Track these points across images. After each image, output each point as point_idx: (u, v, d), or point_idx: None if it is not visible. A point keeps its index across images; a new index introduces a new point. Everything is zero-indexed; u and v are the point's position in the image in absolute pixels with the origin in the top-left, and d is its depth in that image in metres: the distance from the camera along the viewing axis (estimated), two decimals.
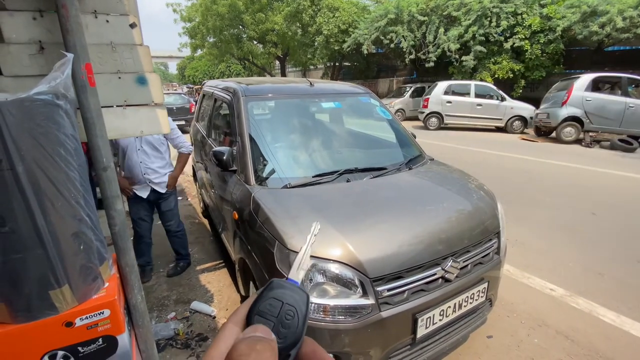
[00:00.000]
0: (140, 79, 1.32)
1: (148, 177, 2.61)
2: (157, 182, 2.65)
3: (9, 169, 0.88)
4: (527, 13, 12.22)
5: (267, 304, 0.32)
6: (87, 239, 1.06)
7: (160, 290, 2.74)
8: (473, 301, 1.74)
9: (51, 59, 1.17)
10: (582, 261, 3.07)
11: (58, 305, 1.02)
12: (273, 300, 0.32)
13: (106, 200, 1.22)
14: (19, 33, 1.15)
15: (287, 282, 0.34)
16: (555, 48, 11.94)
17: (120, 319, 1.14)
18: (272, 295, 0.32)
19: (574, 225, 3.78)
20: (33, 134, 0.91)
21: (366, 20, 16.40)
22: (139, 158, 2.57)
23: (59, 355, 1.06)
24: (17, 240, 0.92)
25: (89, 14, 1.22)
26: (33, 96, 0.90)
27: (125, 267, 1.28)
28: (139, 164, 2.57)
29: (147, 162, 2.59)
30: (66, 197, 0.98)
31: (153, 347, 1.46)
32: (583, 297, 2.55)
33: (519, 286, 2.72)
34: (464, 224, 1.79)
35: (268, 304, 0.32)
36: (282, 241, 1.53)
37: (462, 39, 13.21)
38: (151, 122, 1.36)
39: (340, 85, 3.11)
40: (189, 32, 21.96)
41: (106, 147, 1.20)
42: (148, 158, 2.60)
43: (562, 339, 2.16)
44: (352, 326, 1.42)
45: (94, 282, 1.10)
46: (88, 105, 1.13)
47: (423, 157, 2.55)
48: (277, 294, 0.32)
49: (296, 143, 2.41)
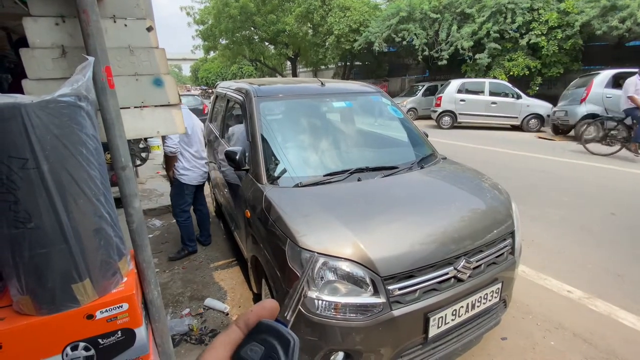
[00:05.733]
0: (156, 80, 1.36)
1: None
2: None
3: (34, 167, 0.92)
4: (543, 8, 11.91)
5: (249, 349, 0.31)
6: (107, 235, 1.10)
7: (175, 287, 2.80)
8: (486, 302, 1.72)
9: (73, 62, 1.22)
10: (601, 262, 2.98)
11: (80, 298, 1.06)
12: (255, 345, 0.31)
13: (124, 198, 1.26)
14: (42, 38, 1.21)
15: (275, 324, 0.33)
16: (573, 44, 11.61)
17: (138, 312, 1.18)
18: (256, 339, 0.32)
19: (592, 226, 3.67)
20: (57, 135, 0.95)
21: (377, 18, 16.30)
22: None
23: (80, 346, 1.11)
24: (42, 235, 0.97)
25: (108, 19, 1.26)
26: (57, 98, 0.94)
27: (143, 263, 1.32)
28: None
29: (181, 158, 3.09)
30: (88, 195, 1.02)
31: (169, 342, 1.50)
32: (602, 300, 2.48)
33: (535, 287, 2.67)
34: (477, 224, 1.77)
35: (249, 349, 0.31)
36: (294, 239, 1.54)
37: (475, 36, 12.98)
38: (167, 122, 1.40)
39: (351, 85, 3.11)
40: (202, 34, 22.31)
41: (125, 147, 1.24)
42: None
43: (579, 341, 2.11)
44: (363, 324, 1.43)
45: (113, 276, 1.14)
46: (108, 107, 1.17)
47: (435, 156, 2.53)
48: (261, 338, 0.32)
49: (307, 142, 2.42)
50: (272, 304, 0.35)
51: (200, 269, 3.08)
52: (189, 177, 3.07)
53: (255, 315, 0.33)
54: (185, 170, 3.04)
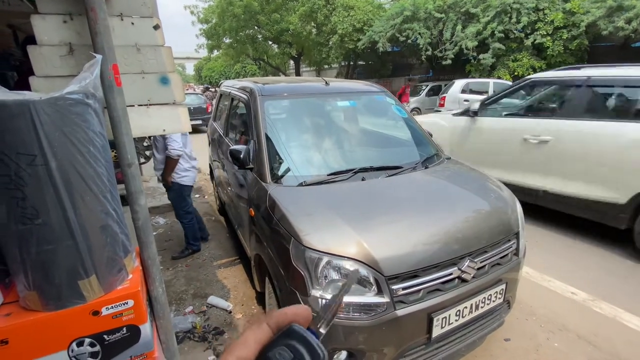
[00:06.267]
0: (163, 79, 1.37)
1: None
2: (159, 174, 3.05)
3: (42, 164, 0.93)
4: (549, 8, 11.83)
5: (277, 353, 0.30)
6: (113, 232, 1.10)
7: (179, 285, 2.81)
8: (490, 302, 1.72)
9: (80, 60, 1.23)
10: (605, 264, 2.96)
11: (86, 294, 1.07)
12: (284, 350, 0.30)
13: (130, 195, 1.27)
14: (50, 35, 1.21)
15: (308, 334, 0.32)
16: (579, 44, 11.51)
17: (143, 309, 1.18)
18: (285, 344, 0.31)
19: (597, 227, 3.65)
20: (65, 132, 0.96)
21: (381, 18, 16.25)
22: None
23: (86, 342, 1.11)
24: (49, 232, 0.98)
25: (116, 17, 1.27)
26: (65, 95, 0.95)
27: (148, 260, 1.33)
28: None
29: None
30: (94, 192, 1.03)
31: (173, 339, 1.50)
32: (606, 302, 2.47)
33: (539, 289, 2.66)
34: (481, 224, 1.76)
35: (278, 352, 0.30)
36: (298, 238, 1.55)
37: (480, 36, 12.92)
38: (173, 120, 1.41)
39: (355, 84, 3.10)
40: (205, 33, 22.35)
41: (131, 144, 1.25)
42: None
43: (583, 343, 2.10)
44: (367, 323, 1.43)
45: (119, 273, 1.15)
46: (115, 105, 1.18)
47: (440, 155, 2.52)
48: (291, 344, 0.31)
49: (311, 141, 2.42)
50: (306, 312, 0.34)
51: (203, 266, 3.09)
52: (188, 177, 3.05)
53: (288, 318, 0.33)
54: (185, 171, 3.01)
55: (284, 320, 0.33)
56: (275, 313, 0.34)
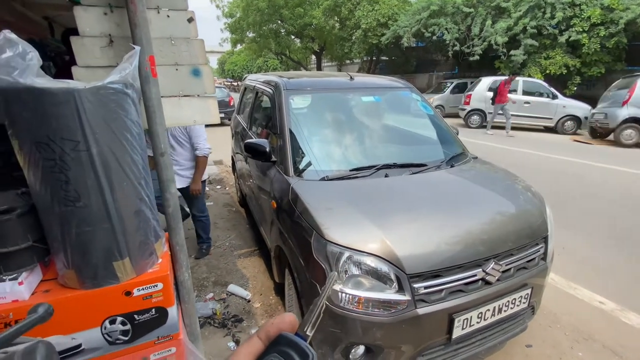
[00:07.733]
0: (194, 70, 1.40)
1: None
2: (181, 174, 2.71)
3: (85, 150, 0.98)
4: (586, 4, 11.21)
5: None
6: (145, 217, 1.15)
7: (200, 272, 2.90)
8: (514, 307, 1.67)
9: (118, 51, 1.28)
10: (636, 274, 2.82)
11: (120, 275, 1.12)
12: (275, 357, 0.32)
13: (162, 183, 1.32)
14: (91, 27, 1.27)
15: (295, 338, 0.34)
16: (617, 42, 10.87)
17: (171, 292, 1.23)
18: (276, 351, 0.33)
19: (628, 235, 3.47)
20: (105, 119, 1.00)
21: (407, 12, 15.91)
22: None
23: (118, 320, 1.17)
24: (88, 214, 1.03)
25: (153, 10, 1.31)
26: (107, 84, 0.99)
27: (176, 246, 1.38)
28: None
29: (173, 154, 2.67)
30: (131, 178, 1.07)
31: (196, 322, 1.56)
32: (636, 313, 2.36)
33: (564, 296, 2.56)
34: (508, 226, 1.72)
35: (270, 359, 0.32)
36: (320, 232, 1.56)
37: (510, 31, 12.41)
38: (203, 111, 1.44)
39: (380, 80, 3.07)
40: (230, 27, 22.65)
41: (164, 134, 1.29)
42: (174, 151, 2.68)
43: (609, 354, 2.02)
44: (386, 320, 1.43)
45: (150, 257, 1.20)
46: (150, 95, 1.22)
47: (466, 155, 2.46)
48: (281, 350, 0.33)
49: (335, 136, 2.42)
50: (292, 318, 0.36)
51: (224, 255, 3.17)
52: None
53: (276, 327, 0.35)
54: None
55: (272, 330, 0.35)
56: (263, 325, 0.36)
